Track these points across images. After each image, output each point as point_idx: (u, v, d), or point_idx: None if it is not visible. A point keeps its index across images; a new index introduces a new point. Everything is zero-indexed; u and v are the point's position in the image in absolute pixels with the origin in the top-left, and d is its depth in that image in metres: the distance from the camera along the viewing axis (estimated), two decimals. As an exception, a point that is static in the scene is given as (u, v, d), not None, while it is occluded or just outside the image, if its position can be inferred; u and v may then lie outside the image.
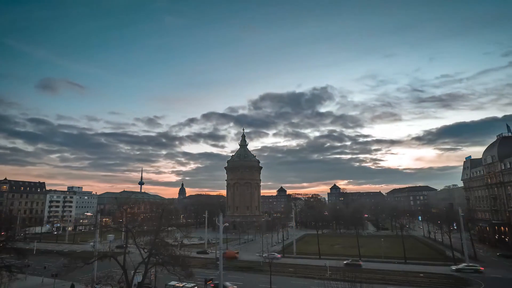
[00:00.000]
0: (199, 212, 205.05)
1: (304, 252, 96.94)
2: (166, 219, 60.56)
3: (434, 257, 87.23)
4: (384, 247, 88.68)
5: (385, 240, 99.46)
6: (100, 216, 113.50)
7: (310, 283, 60.68)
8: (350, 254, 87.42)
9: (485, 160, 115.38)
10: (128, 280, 40.67)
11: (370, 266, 73.86)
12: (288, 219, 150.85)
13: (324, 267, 66.59)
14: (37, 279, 63.08)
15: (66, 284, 56.59)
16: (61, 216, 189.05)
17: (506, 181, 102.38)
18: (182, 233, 73.05)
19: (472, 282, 60.94)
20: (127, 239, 47.55)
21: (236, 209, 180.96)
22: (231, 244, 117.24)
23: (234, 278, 64.58)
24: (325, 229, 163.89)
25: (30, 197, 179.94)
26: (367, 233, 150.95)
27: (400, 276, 64.40)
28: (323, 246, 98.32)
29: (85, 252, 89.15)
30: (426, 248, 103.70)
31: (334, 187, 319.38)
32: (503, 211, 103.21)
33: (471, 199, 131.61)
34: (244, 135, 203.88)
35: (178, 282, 56.53)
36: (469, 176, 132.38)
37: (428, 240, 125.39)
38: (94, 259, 45.92)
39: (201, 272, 65.94)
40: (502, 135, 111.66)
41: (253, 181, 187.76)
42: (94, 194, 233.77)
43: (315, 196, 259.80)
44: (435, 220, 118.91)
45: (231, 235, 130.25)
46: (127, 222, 59.54)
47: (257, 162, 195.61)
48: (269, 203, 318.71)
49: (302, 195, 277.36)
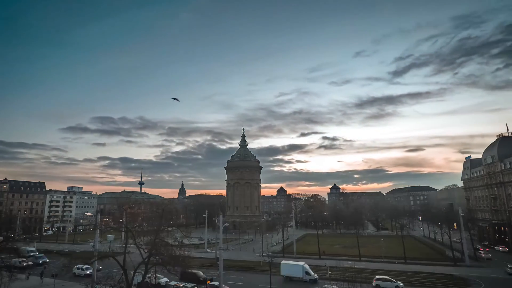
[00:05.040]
0: (199, 212, 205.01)
1: (304, 252, 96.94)
2: (166, 219, 60.67)
3: (434, 257, 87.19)
4: (384, 247, 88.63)
5: (385, 240, 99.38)
6: (100, 216, 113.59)
7: (310, 283, 60.69)
8: (350, 254, 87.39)
9: (485, 160, 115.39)
10: (128, 280, 40.67)
11: (370, 266, 73.83)
12: (288, 219, 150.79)
13: (324, 267, 66.59)
14: (37, 279, 63.04)
15: (66, 284, 56.66)
16: (61, 216, 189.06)
17: (506, 181, 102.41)
18: (182, 233, 73.21)
19: (472, 282, 60.97)
20: (127, 239, 47.57)
21: (236, 209, 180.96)
22: (231, 244, 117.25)
23: (234, 278, 64.58)
24: (325, 229, 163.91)
25: (30, 197, 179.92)
26: (367, 233, 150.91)
27: (400, 276, 64.33)
28: (323, 246, 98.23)
29: (85, 252, 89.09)
30: (426, 248, 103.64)
31: (334, 187, 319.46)
32: (503, 211, 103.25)
33: (471, 199, 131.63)
34: (244, 135, 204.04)
35: (178, 282, 56.62)
36: (469, 176, 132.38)
37: (428, 240, 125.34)
38: (94, 259, 45.95)
39: (201, 272, 65.98)
40: (502, 135, 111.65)
41: (253, 181, 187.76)
42: (94, 194, 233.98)
43: (315, 196, 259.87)
44: (435, 220, 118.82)
45: (231, 235, 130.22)
46: (127, 222, 59.61)
47: (257, 162, 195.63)
48: (269, 203, 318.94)
49: (302, 195, 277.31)
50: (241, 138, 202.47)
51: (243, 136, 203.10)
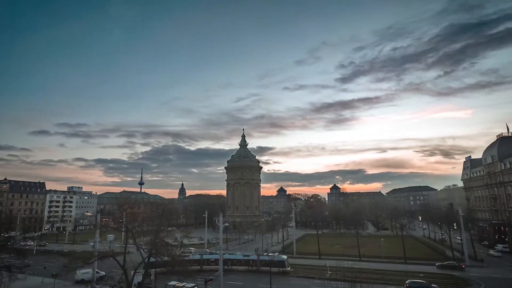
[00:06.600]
0: (199, 212, 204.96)
1: (304, 252, 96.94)
2: (166, 219, 60.61)
3: (434, 257, 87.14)
4: (384, 247, 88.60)
5: (385, 240, 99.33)
6: (100, 216, 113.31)
7: (310, 283, 60.70)
8: (350, 254, 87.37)
9: (485, 160, 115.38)
10: (128, 280, 40.69)
11: (370, 266, 73.83)
12: (288, 219, 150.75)
13: (324, 267, 66.61)
14: (37, 279, 63.07)
15: (66, 284, 56.65)
16: (61, 216, 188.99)
17: (506, 181, 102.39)
18: (182, 233, 73.10)
19: (471, 282, 60.99)
20: (127, 239, 47.57)
21: (236, 209, 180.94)
22: (231, 244, 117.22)
23: (234, 278, 64.66)
24: (325, 229, 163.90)
25: (30, 197, 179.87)
26: (367, 233, 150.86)
27: (400, 276, 64.38)
28: (323, 246, 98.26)
29: (85, 252, 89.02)
30: (426, 248, 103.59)
31: (334, 187, 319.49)
32: (503, 211, 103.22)
33: (471, 199, 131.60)
34: (244, 135, 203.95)
35: (178, 282, 56.59)
36: (469, 176, 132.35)
37: (428, 240, 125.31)
38: (94, 259, 45.93)
39: (201, 272, 66.01)
40: (502, 135, 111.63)
41: (253, 181, 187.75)
42: (94, 194, 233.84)
43: (315, 196, 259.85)
44: (435, 220, 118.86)
45: (231, 235, 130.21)
46: (127, 222, 59.59)
47: (257, 162, 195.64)
48: (269, 203, 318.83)
49: (302, 195, 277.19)
50: (241, 138, 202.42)
51: (243, 136, 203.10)
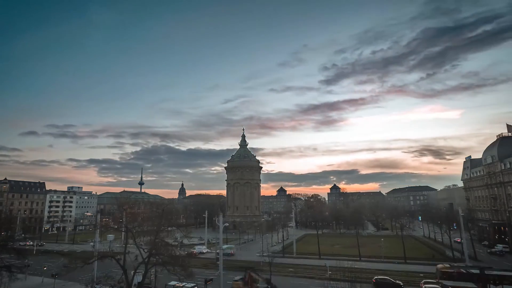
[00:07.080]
0: (199, 212, 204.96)
1: (304, 252, 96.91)
2: (166, 219, 60.57)
3: (434, 257, 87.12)
4: (384, 247, 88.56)
5: (385, 240, 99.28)
6: (100, 216, 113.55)
7: (310, 283, 60.70)
8: (350, 254, 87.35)
9: (485, 160, 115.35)
10: (128, 280, 40.66)
11: (370, 266, 73.81)
12: (288, 219, 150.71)
13: (324, 267, 66.57)
14: (37, 279, 63.06)
15: (66, 284, 56.62)
16: (61, 216, 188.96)
17: (506, 181, 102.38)
18: (182, 233, 73.06)
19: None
20: (127, 239, 47.55)
21: (236, 209, 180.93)
22: (231, 244, 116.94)
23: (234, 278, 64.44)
24: (325, 229, 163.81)
25: (30, 197, 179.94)
26: (367, 233, 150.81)
27: (400, 276, 64.32)
28: (323, 246, 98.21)
29: (85, 252, 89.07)
30: (426, 248, 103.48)
31: (334, 187, 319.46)
32: (503, 211, 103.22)
33: (471, 199, 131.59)
34: (244, 135, 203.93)
35: (178, 282, 56.54)
36: (469, 176, 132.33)
37: (428, 240, 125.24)
38: (94, 259, 45.90)
39: (201, 272, 65.97)
40: (502, 135, 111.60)
41: (253, 181, 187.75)
42: (94, 194, 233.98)
43: (315, 196, 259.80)
44: (435, 220, 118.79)
45: (231, 235, 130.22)
46: (127, 222, 59.55)
47: (257, 162, 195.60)
48: (269, 203, 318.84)
49: (302, 195, 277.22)
50: (241, 138, 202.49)
51: (243, 136, 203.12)
